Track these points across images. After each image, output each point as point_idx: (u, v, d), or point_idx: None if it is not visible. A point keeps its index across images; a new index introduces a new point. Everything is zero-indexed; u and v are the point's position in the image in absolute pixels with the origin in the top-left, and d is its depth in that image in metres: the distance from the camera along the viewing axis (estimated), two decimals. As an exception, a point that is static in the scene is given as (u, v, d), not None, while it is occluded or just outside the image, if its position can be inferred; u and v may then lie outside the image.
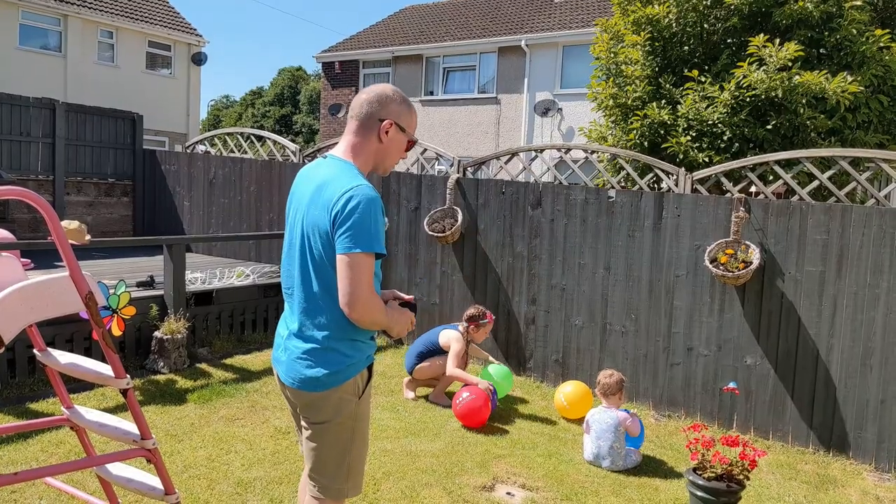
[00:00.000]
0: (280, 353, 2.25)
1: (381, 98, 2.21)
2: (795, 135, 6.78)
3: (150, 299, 5.52)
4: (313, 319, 2.15)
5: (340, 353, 2.14)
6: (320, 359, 2.14)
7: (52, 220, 2.17)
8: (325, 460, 2.23)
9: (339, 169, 2.15)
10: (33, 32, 16.31)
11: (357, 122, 2.21)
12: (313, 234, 2.12)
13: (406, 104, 2.25)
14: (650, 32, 7.60)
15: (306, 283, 2.16)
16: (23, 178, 8.13)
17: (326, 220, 2.06)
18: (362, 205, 2.03)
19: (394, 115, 2.21)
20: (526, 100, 16.93)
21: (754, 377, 4.81)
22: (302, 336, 2.17)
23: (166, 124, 18.31)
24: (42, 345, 2.61)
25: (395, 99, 2.23)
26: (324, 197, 2.08)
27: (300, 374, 2.16)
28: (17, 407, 4.34)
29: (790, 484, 4.05)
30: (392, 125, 2.20)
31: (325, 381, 2.13)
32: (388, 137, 2.20)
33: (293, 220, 2.24)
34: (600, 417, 4.09)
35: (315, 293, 2.14)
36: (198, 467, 3.62)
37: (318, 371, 2.14)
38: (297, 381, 2.17)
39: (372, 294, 2.06)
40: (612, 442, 4.00)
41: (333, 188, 2.07)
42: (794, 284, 4.66)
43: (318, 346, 2.14)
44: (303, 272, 2.17)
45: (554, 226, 5.70)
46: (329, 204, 2.05)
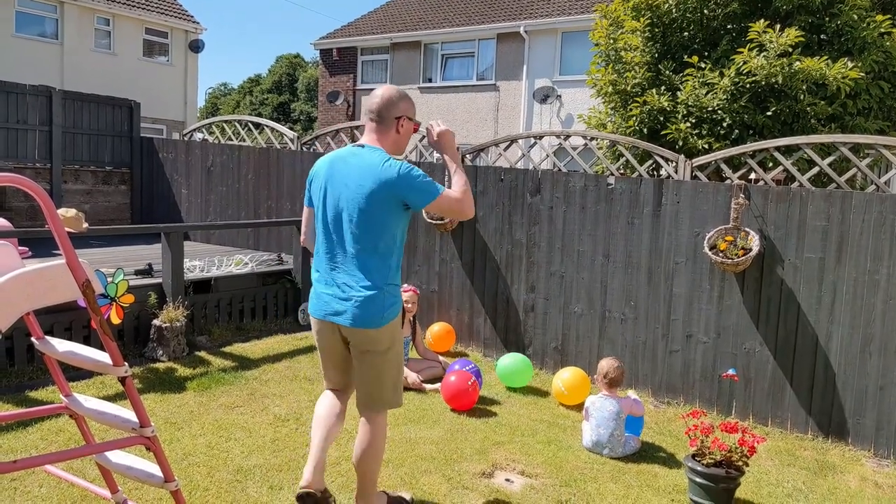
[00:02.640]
0: (338, 305, 2.79)
1: (392, 100, 2.87)
2: (795, 121, 6.75)
3: (149, 287, 5.51)
4: (367, 274, 2.75)
5: (391, 295, 2.80)
6: (381, 302, 2.76)
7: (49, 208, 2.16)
8: (386, 379, 2.86)
9: (379, 153, 2.80)
10: (30, 20, 16.19)
11: (377, 122, 2.87)
12: (372, 203, 2.71)
13: (408, 99, 2.94)
14: (650, 18, 7.54)
15: (359, 246, 2.75)
16: (20, 167, 8.09)
17: (389, 186, 2.70)
18: (411, 167, 2.75)
19: (403, 111, 2.89)
20: (525, 86, 16.85)
21: (753, 364, 4.82)
22: (359, 287, 2.74)
23: (164, 112, 18.23)
24: (40, 333, 2.61)
25: (402, 97, 2.91)
26: (382, 171, 2.71)
27: (370, 315, 2.75)
28: (16, 395, 4.34)
29: (789, 470, 4.06)
30: (405, 119, 2.90)
31: (386, 317, 2.78)
32: (403, 129, 2.90)
33: (336, 198, 2.79)
34: (601, 405, 4.10)
35: (367, 253, 2.75)
36: (197, 455, 3.63)
37: (380, 311, 2.75)
38: (363, 321, 2.75)
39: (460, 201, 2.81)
40: (612, 430, 4.01)
41: (384, 161, 2.74)
42: (794, 271, 4.66)
43: (377, 293, 2.75)
44: (355, 237, 2.75)
45: (553, 213, 5.68)
46: (389, 173, 2.71)
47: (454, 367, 4.78)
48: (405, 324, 5.36)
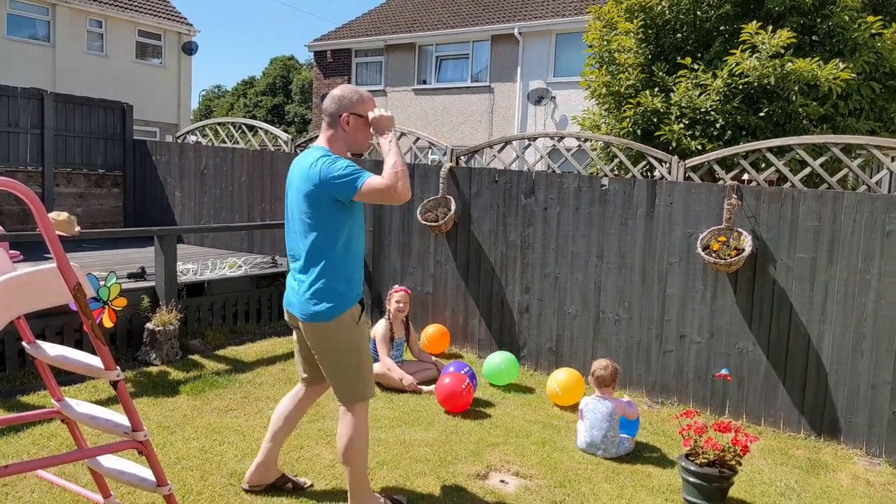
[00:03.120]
0: (292, 297, 2.95)
1: (338, 99, 2.92)
2: (788, 122, 6.79)
3: (142, 291, 5.49)
4: (315, 267, 2.85)
5: (337, 291, 2.86)
6: (322, 297, 2.84)
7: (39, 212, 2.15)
8: (343, 374, 2.95)
9: (317, 150, 2.90)
10: (21, 22, 16.13)
11: (326, 121, 2.96)
12: (307, 203, 2.83)
13: (357, 96, 2.93)
14: (643, 20, 7.57)
15: (307, 242, 2.86)
16: (11, 170, 8.05)
17: (315, 185, 2.78)
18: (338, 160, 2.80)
19: (348, 109, 2.90)
20: (519, 88, 16.88)
21: (746, 364, 4.84)
22: (307, 281, 2.86)
23: (157, 114, 18.17)
24: (31, 337, 2.59)
25: (348, 95, 2.92)
26: (309, 172, 2.82)
27: (309, 310, 2.86)
28: (8, 400, 4.32)
29: (782, 469, 4.08)
30: (349, 115, 2.90)
31: (327, 313, 2.85)
32: (350, 127, 2.92)
33: (291, 200, 2.95)
34: (595, 407, 4.10)
35: (313, 248, 2.85)
36: (190, 459, 3.61)
37: (323, 307, 2.85)
38: (309, 315, 2.87)
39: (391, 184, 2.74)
40: (606, 431, 4.01)
41: (310, 163, 2.83)
42: (786, 271, 4.67)
43: (319, 288, 2.85)
44: (303, 235, 2.87)
45: (547, 214, 5.69)
46: (313, 173, 2.79)
47: (449, 369, 4.77)
48: (399, 325, 5.36)
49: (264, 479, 3.29)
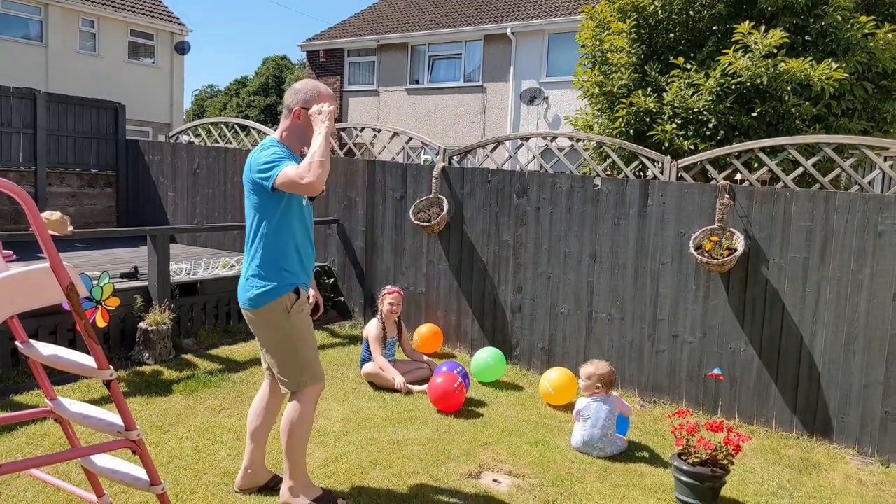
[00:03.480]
0: (240, 284, 3.02)
1: (292, 92, 2.98)
2: (780, 122, 6.82)
3: (135, 290, 5.47)
4: (251, 255, 2.96)
5: (267, 278, 2.91)
6: (253, 284, 2.93)
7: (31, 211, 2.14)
8: (280, 362, 2.99)
9: (263, 143, 2.96)
10: (13, 21, 16.03)
11: (283, 114, 3.03)
12: (246, 192, 2.97)
13: (313, 92, 2.94)
14: (636, 20, 7.60)
15: (250, 229, 2.98)
16: (4, 169, 8.01)
17: (247, 174, 2.92)
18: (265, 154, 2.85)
19: (300, 102, 2.94)
20: (512, 88, 16.90)
21: (739, 363, 4.86)
22: (246, 269, 2.97)
23: (150, 114, 18.10)
24: (24, 336, 2.58)
25: (304, 89, 2.95)
26: (248, 161, 2.94)
27: (245, 296, 2.96)
28: (1, 399, 4.30)
29: (774, 468, 4.10)
30: (300, 109, 2.94)
31: (255, 300, 2.92)
32: (302, 120, 2.95)
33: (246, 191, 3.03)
34: (597, 406, 4.10)
35: (250, 236, 2.97)
36: (184, 458, 3.61)
37: (252, 293, 2.92)
38: (244, 301, 2.97)
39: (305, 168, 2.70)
40: (607, 430, 4.04)
41: (252, 155, 2.93)
42: (779, 271, 4.70)
43: (252, 275, 2.94)
44: (247, 222, 2.99)
45: (540, 214, 5.70)
46: (248, 162, 2.93)
47: (441, 369, 4.78)
48: (391, 325, 5.36)
49: (255, 481, 3.28)
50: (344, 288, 7.10)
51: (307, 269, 3.06)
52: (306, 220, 3.06)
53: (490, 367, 5.30)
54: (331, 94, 3.03)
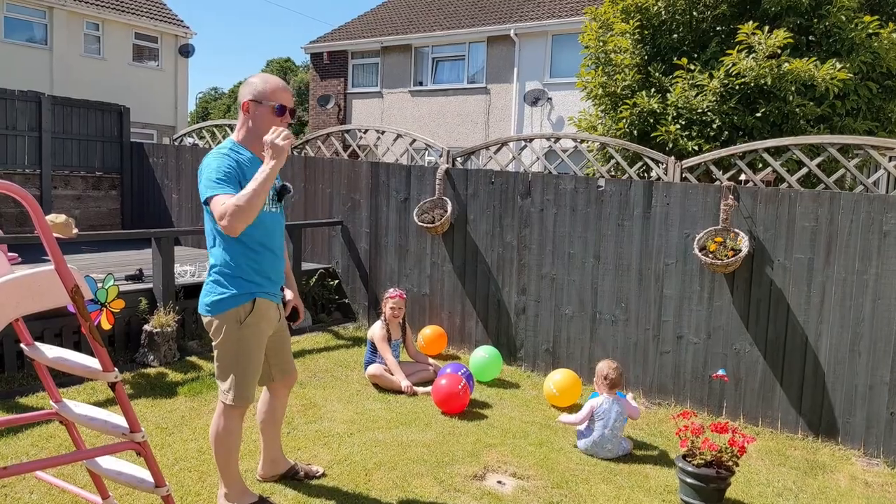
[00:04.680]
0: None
1: (243, 86, 2.84)
2: (784, 122, 6.80)
3: (140, 293, 5.49)
4: (209, 261, 2.90)
5: (224, 286, 2.83)
6: (210, 290, 2.86)
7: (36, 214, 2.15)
8: (220, 370, 2.92)
9: (219, 147, 2.83)
10: (18, 25, 16.10)
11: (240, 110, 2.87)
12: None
13: (262, 82, 2.80)
14: (639, 20, 7.59)
15: (207, 236, 2.90)
16: (9, 172, 8.05)
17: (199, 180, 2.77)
18: (208, 166, 2.71)
19: (247, 95, 2.80)
20: (515, 89, 16.89)
21: (744, 364, 4.85)
22: (208, 273, 2.90)
23: (154, 117, 18.15)
24: (29, 339, 2.59)
25: (251, 82, 2.83)
26: (201, 167, 2.78)
27: (202, 300, 2.90)
28: (7, 401, 4.32)
29: (779, 470, 4.09)
30: (248, 102, 2.80)
31: (210, 307, 2.86)
32: (250, 113, 2.81)
33: None
34: (608, 408, 4.09)
35: (209, 241, 2.88)
36: (188, 460, 3.61)
37: (208, 299, 2.86)
38: (201, 305, 2.91)
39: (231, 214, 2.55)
40: (618, 431, 4.04)
41: (204, 159, 2.79)
42: (783, 272, 4.69)
43: (210, 280, 2.87)
44: (205, 228, 2.89)
45: (543, 215, 5.70)
46: (201, 168, 2.77)
47: (445, 371, 4.78)
48: (395, 327, 5.35)
49: (275, 470, 3.39)
50: (348, 290, 7.11)
51: (271, 278, 2.92)
52: (270, 227, 2.89)
53: (487, 365, 5.31)
54: (285, 87, 2.83)
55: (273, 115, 2.79)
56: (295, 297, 3.25)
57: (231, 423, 2.95)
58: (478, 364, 5.31)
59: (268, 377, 3.20)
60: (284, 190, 2.99)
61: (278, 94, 2.80)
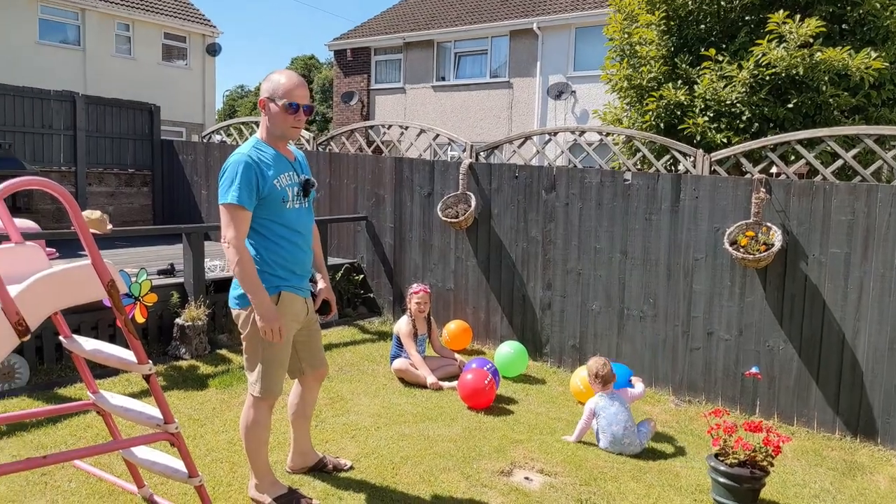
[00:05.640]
0: None
1: (262, 85, 2.87)
2: (818, 113, 6.65)
3: (171, 287, 5.58)
4: None
5: None
6: (238, 285, 2.90)
7: (74, 210, 2.20)
8: (248, 363, 2.99)
9: (242, 145, 2.91)
10: (52, 27, 16.46)
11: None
12: None
13: (276, 80, 2.82)
14: (665, 11, 7.47)
15: None
16: (46, 170, 8.22)
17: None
18: (227, 169, 2.81)
19: (264, 93, 2.85)
20: (539, 83, 16.79)
21: (777, 362, 4.76)
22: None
23: (183, 115, 18.43)
24: (67, 332, 2.65)
25: (269, 78, 2.86)
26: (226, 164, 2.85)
27: (231, 295, 2.99)
28: (46, 392, 4.43)
29: (816, 470, 4.01)
30: (264, 101, 2.84)
31: (238, 300, 2.94)
32: (268, 111, 2.85)
33: None
34: (606, 404, 4.07)
35: None
36: (220, 451, 3.67)
37: (236, 292, 2.94)
38: (230, 299, 2.99)
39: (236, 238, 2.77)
40: (624, 423, 4.00)
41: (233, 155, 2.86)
42: (819, 267, 4.59)
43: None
44: None
45: (569, 210, 5.66)
46: (225, 165, 2.85)
47: (471, 366, 4.78)
48: (421, 321, 5.35)
49: (304, 463, 3.44)
50: (373, 284, 7.14)
51: (296, 272, 2.97)
52: (294, 221, 2.95)
53: (513, 360, 5.30)
54: (300, 84, 2.84)
55: (286, 114, 2.81)
56: (327, 290, 3.23)
57: (260, 415, 3.00)
58: (503, 359, 5.30)
59: (298, 370, 3.23)
60: (309, 184, 3.03)
61: (292, 91, 2.80)
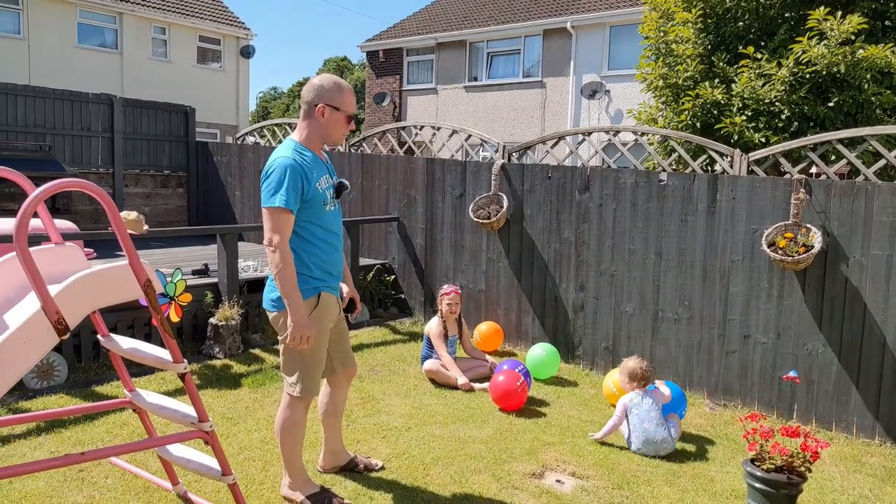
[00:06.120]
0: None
1: (316, 88, 2.89)
2: (859, 112, 6.47)
3: (205, 287, 5.67)
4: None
5: None
6: (273, 286, 2.90)
7: (112, 211, 2.24)
8: (287, 363, 3.01)
9: (282, 147, 2.91)
10: (91, 31, 16.88)
11: (303, 109, 2.94)
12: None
13: (337, 88, 2.89)
14: (702, 9, 7.35)
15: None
16: (84, 172, 8.44)
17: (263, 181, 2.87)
18: (272, 172, 2.80)
19: (325, 100, 2.87)
20: (572, 82, 16.65)
21: (816, 366, 4.64)
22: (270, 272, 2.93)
23: (217, 116, 18.73)
24: (105, 330, 2.71)
25: (326, 86, 2.88)
26: (266, 168, 2.87)
27: (266, 297, 3.01)
28: (84, 390, 4.53)
29: (855, 477, 3.89)
30: (325, 107, 2.87)
31: (277, 302, 2.92)
32: (324, 118, 2.89)
33: None
34: (640, 401, 4.06)
35: None
36: (253, 449, 3.71)
37: (275, 295, 2.92)
38: (266, 302, 3.01)
39: (281, 242, 2.77)
40: (657, 419, 3.98)
41: (269, 162, 2.87)
42: (860, 269, 4.46)
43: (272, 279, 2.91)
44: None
45: (602, 210, 5.59)
46: (266, 169, 2.87)
47: (503, 367, 4.76)
48: (452, 323, 5.36)
49: (336, 462, 3.47)
50: (404, 285, 7.16)
51: (332, 273, 3.03)
52: (332, 223, 3.02)
53: (545, 362, 5.26)
54: (353, 92, 2.97)
55: (345, 123, 2.95)
56: (351, 289, 3.33)
57: (297, 415, 3.05)
58: (535, 361, 5.26)
59: (329, 370, 3.26)
60: (342, 187, 3.12)
61: (351, 100, 2.94)
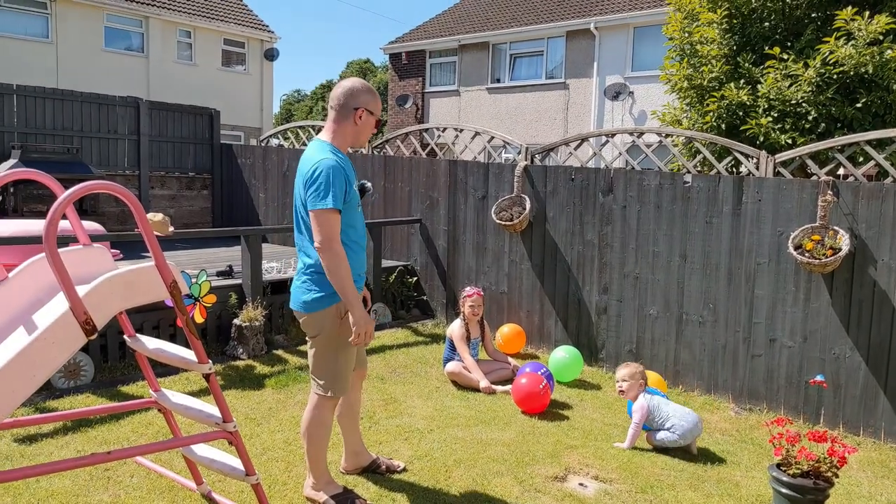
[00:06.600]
0: (292, 290, 3.08)
1: (353, 91, 2.93)
2: (888, 113, 6.34)
3: (230, 288, 5.74)
4: (305, 259, 2.97)
5: (324, 284, 2.90)
6: (308, 288, 2.95)
7: (139, 213, 2.28)
8: (319, 365, 3.03)
9: (317, 148, 2.91)
10: (117, 34, 17.18)
11: (335, 112, 2.95)
12: (300, 198, 2.90)
13: (371, 93, 2.97)
14: (727, 9, 7.26)
15: (300, 235, 2.99)
16: (111, 174, 8.59)
17: (302, 186, 2.86)
18: (319, 174, 2.78)
19: (363, 104, 2.94)
20: (595, 84, 16.55)
21: (843, 370, 4.56)
22: (300, 271, 3.00)
23: (241, 119, 18.94)
24: (131, 331, 2.75)
25: (363, 90, 2.95)
26: (302, 170, 2.88)
27: (299, 298, 3.00)
28: (110, 389, 4.61)
29: (883, 483, 3.82)
30: (364, 111, 2.94)
31: (312, 304, 2.94)
32: (361, 121, 2.96)
33: (296, 195, 2.98)
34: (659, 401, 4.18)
35: (304, 241, 2.97)
36: (276, 450, 3.74)
37: (307, 297, 2.95)
38: (297, 304, 3.00)
39: (335, 242, 2.78)
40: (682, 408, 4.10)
41: (308, 163, 2.86)
42: (888, 272, 4.37)
43: (307, 279, 2.96)
44: (297, 227, 2.98)
45: (626, 212, 5.55)
46: (304, 174, 2.85)
47: (525, 370, 4.74)
48: (474, 325, 5.35)
49: (358, 463, 3.49)
50: (426, 287, 7.17)
51: (360, 274, 3.07)
52: (361, 226, 3.09)
53: (567, 365, 5.23)
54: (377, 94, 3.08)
55: (374, 127, 3.05)
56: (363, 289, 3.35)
57: (325, 416, 3.09)
58: (558, 364, 5.24)
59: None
60: (364, 188, 3.15)
61: (380, 106, 3.04)
